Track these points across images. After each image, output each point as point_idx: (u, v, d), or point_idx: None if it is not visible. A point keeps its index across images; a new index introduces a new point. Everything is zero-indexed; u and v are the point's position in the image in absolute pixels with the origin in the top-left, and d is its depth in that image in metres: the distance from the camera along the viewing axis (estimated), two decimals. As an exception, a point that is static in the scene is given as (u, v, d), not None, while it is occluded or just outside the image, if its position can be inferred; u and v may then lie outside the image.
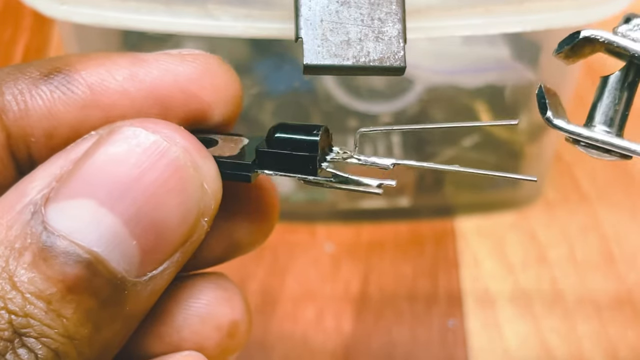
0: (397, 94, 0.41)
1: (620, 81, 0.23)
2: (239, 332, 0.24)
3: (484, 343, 0.41)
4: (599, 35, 0.22)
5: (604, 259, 0.44)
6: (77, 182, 0.19)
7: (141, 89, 0.22)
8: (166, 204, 0.20)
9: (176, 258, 0.20)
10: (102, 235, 0.19)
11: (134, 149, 0.20)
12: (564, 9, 0.32)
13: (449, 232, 0.45)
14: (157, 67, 0.22)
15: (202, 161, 0.21)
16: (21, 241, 0.19)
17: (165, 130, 0.20)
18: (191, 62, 0.22)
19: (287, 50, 0.40)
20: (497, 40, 0.40)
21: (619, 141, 0.22)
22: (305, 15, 0.23)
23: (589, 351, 0.40)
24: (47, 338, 0.18)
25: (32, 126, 0.21)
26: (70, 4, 0.31)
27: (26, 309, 0.18)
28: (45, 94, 0.21)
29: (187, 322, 0.23)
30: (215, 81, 0.22)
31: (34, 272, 0.18)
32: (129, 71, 0.22)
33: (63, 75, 0.21)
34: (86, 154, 0.20)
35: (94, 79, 0.21)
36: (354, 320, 0.41)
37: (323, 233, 0.45)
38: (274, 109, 0.42)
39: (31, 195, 0.19)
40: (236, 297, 0.24)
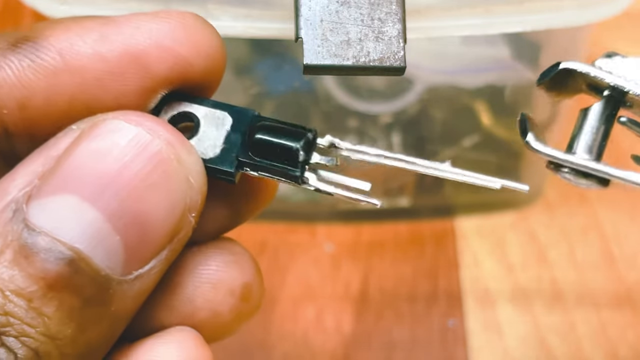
0: (397, 94, 0.41)
1: (598, 114, 0.23)
2: (253, 294, 0.23)
3: (484, 343, 0.41)
4: (578, 67, 0.23)
5: (604, 259, 0.44)
6: (58, 179, 0.19)
7: (113, 49, 0.21)
8: (150, 198, 0.19)
9: (163, 256, 0.20)
10: (85, 231, 0.18)
11: (116, 142, 0.19)
12: (564, 9, 0.32)
13: (449, 232, 0.45)
14: (129, 25, 0.21)
15: (186, 154, 0.20)
16: (2, 239, 0.18)
17: (147, 122, 0.20)
18: (165, 18, 0.21)
19: (287, 50, 0.40)
20: (497, 40, 0.40)
21: (599, 165, 0.23)
22: (305, 15, 0.23)
23: (589, 351, 0.40)
24: (27, 337, 0.18)
25: (3, 98, 0.20)
26: (70, 4, 0.31)
27: (6, 307, 0.18)
28: (14, 64, 0.20)
29: (199, 291, 0.22)
30: (192, 34, 0.21)
31: (15, 269, 0.18)
32: (99, 33, 0.21)
33: (31, 43, 0.21)
34: (67, 150, 0.19)
35: (63, 44, 0.21)
36: (354, 320, 0.41)
37: (323, 233, 0.45)
38: (274, 109, 0.42)
39: (13, 193, 0.19)
40: (246, 260, 0.23)
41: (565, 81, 0.23)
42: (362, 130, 0.43)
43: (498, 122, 0.43)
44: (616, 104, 0.23)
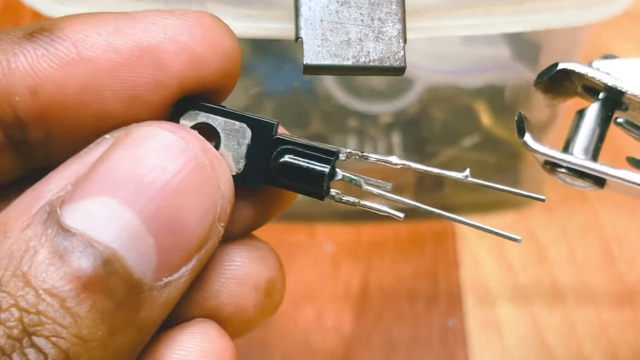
0: (397, 94, 0.41)
1: (595, 115, 0.24)
2: (276, 290, 0.23)
3: (484, 343, 0.41)
4: (576, 68, 0.23)
5: (604, 259, 0.44)
6: (94, 183, 0.19)
7: (127, 42, 0.21)
8: (185, 203, 0.19)
9: (192, 265, 0.20)
10: (120, 232, 0.19)
11: (153, 147, 0.19)
12: (564, 9, 0.32)
13: (449, 232, 0.45)
14: (144, 20, 0.21)
15: (217, 162, 0.20)
16: (36, 240, 0.18)
17: (181, 131, 0.20)
18: (181, 15, 0.21)
19: (287, 50, 0.40)
20: (497, 40, 0.40)
21: (595, 165, 0.23)
22: (305, 15, 0.23)
23: (589, 351, 0.40)
24: (58, 338, 0.18)
25: (16, 85, 0.20)
26: (70, 4, 0.31)
27: (39, 307, 0.18)
28: (29, 52, 0.20)
29: (225, 286, 0.22)
30: (208, 33, 0.21)
31: (49, 268, 0.18)
32: (114, 26, 0.21)
33: (47, 33, 0.21)
34: (103, 156, 0.20)
35: (78, 35, 0.21)
36: (354, 320, 0.41)
37: (323, 233, 0.45)
38: (274, 109, 0.42)
39: (47, 197, 0.19)
40: (269, 255, 0.23)
41: (563, 82, 0.24)
42: (362, 130, 0.43)
43: (498, 122, 0.43)
44: (612, 106, 0.23)
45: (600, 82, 0.23)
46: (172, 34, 0.21)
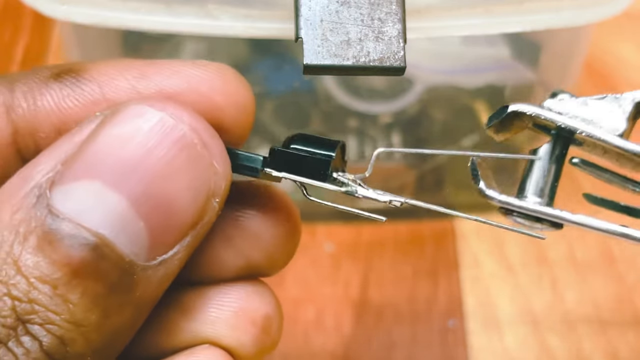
0: (397, 94, 0.41)
1: (548, 154, 0.24)
2: (273, 328, 0.23)
3: (484, 343, 0.41)
4: (527, 109, 0.23)
5: (604, 259, 0.44)
6: (82, 164, 0.19)
7: (151, 87, 0.21)
8: (174, 183, 0.19)
9: (187, 241, 0.20)
10: (109, 216, 0.18)
11: (140, 127, 0.19)
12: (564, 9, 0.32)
13: (449, 232, 0.45)
14: (169, 68, 0.22)
15: (210, 140, 0.20)
16: (26, 225, 0.18)
17: (171, 108, 0.20)
18: (203, 67, 0.22)
19: (287, 50, 0.40)
20: (497, 40, 0.40)
21: (551, 210, 0.23)
22: (305, 15, 0.23)
23: (589, 351, 0.40)
24: (52, 325, 0.18)
25: (41, 122, 0.21)
26: (70, 4, 0.31)
27: (31, 295, 0.18)
28: (55, 92, 0.21)
29: (221, 317, 0.22)
30: (227, 85, 0.22)
31: (39, 256, 0.18)
32: (139, 71, 0.22)
33: (74, 74, 0.21)
34: (91, 136, 0.19)
35: (104, 78, 0.21)
36: (354, 320, 0.41)
37: (323, 233, 0.45)
38: (274, 109, 0.42)
39: (36, 179, 0.19)
40: (266, 292, 0.24)
41: (514, 122, 0.24)
42: (362, 130, 0.43)
43: (498, 122, 0.43)
44: (566, 143, 0.23)
45: (552, 122, 0.23)
46: (194, 84, 0.22)
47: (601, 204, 0.26)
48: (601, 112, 0.23)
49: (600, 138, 0.22)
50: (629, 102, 0.23)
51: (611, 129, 0.23)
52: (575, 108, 0.23)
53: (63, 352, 0.18)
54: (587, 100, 0.23)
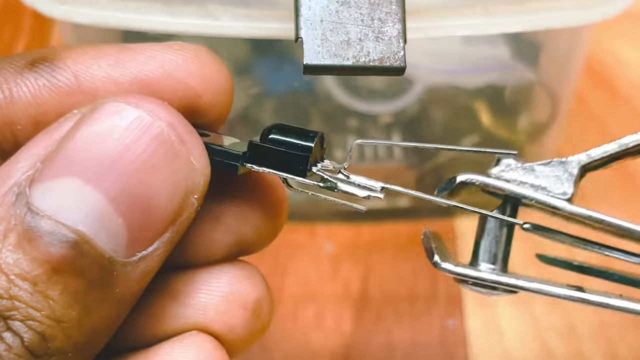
0: (397, 94, 0.41)
1: (498, 219, 0.24)
2: (263, 311, 0.23)
3: (484, 343, 0.41)
4: (474, 179, 0.24)
5: (604, 259, 0.44)
6: (60, 162, 0.19)
7: (126, 75, 0.21)
8: (152, 180, 0.19)
9: (166, 237, 0.20)
10: (87, 213, 0.19)
11: (117, 124, 0.19)
12: (564, 9, 0.32)
13: (449, 232, 0.45)
14: (143, 54, 0.22)
15: (188, 136, 0.20)
16: (5, 223, 0.18)
17: (148, 104, 0.20)
18: (178, 50, 0.22)
19: (287, 50, 0.40)
20: (497, 40, 0.40)
21: (505, 278, 0.23)
22: (305, 15, 0.23)
23: (589, 351, 0.40)
24: (33, 321, 0.18)
25: (18, 114, 0.21)
26: (70, 4, 0.31)
27: (11, 291, 0.18)
28: (30, 82, 0.21)
29: (212, 302, 0.22)
30: (203, 69, 0.22)
31: (19, 253, 0.18)
32: (115, 58, 0.22)
33: (48, 63, 0.21)
34: (69, 133, 0.19)
35: (79, 66, 0.21)
36: (354, 320, 0.41)
37: (323, 233, 0.45)
38: (274, 109, 0.42)
39: (15, 177, 0.19)
40: (256, 275, 0.24)
41: (465, 189, 0.24)
42: (362, 130, 0.43)
43: (498, 122, 0.43)
44: (515, 205, 0.24)
45: (501, 188, 0.23)
46: (169, 69, 0.22)
47: (555, 264, 0.27)
48: (548, 178, 0.23)
49: (550, 205, 0.23)
50: (574, 166, 0.24)
51: (559, 194, 0.24)
52: (522, 175, 0.23)
53: (44, 348, 0.18)
54: (534, 166, 0.23)
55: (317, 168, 0.22)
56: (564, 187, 0.23)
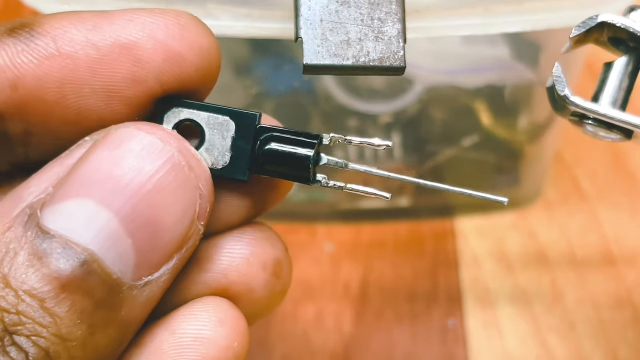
0: (397, 94, 0.41)
1: (623, 67, 0.24)
2: (284, 272, 0.24)
3: (484, 343, 0.41)
4: (616, 21, 0.23)
5: (604, 259, 0.44)
6: (73, 184, 0.19)
7: (106, 39, 0.21)
8: (162, 204, 0.20)
9: (172, 264, 0.20)
10: (98, 233, 0.19)
11: (131, 149, 0.20)
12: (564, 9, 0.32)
13: (449, 232, 0.45)
14: (123, 18, 0.22)
15: (196, 163, 0.21)
16: (17, 242, 0.19)
17: (159, 132, 0.20)
18: (160, 14, 0.22)
19: (287, 50, 0.40)
20: (497, 40, 0.40)
21: (624, 115, 0.23)
22: (305, 15, 0.23)
23: (589, 351, 0.40)
24: (39, 337, 0.18)
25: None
26: (71, 4, 0.31)
27: (19, 307, 0.18)
28: (10, 47, 0.21)
29: (233, 265, 0.23)
30: (186, 31, 0.22)
31: (29, 270, 0.18)
32: (93, 23, 0.21)
33: (27, 29, 0.21)
34: (82, 158, 0.20)
35: (57, 31, 0.21)
36: (354, 320, 0.41)
37: (323, 233, 0.45)
38: (274, 109, 0.42)
39: (28, 200, 0.19)
40: (275, 237, 0.24)
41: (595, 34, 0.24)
42: (362, 130, 0.43)
43: (498, 122, 0.43)
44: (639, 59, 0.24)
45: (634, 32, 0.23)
46: (150, 32, 0.21)
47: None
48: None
49: None
50: None
51: None
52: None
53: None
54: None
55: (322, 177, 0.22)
56: None
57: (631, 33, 0.23)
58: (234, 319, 0.22)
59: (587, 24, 0.24)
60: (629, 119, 0.23)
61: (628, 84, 0.24)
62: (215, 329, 0.22)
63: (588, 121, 0.24)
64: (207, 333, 0.21)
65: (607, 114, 0.23)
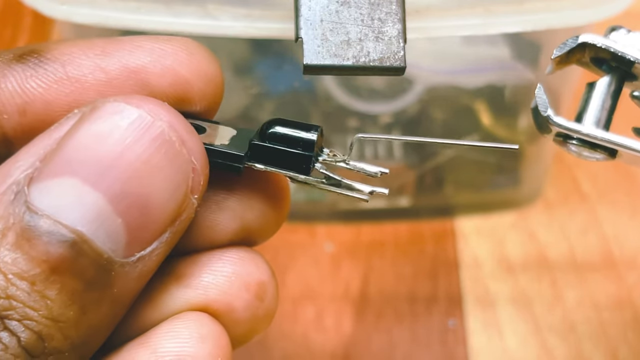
0: (397, 94, 0.41)
1: (605, 87, 0.24)
2: (267, 295, 0.23)
3: (484, 343, 0.41)
4: (597, 41, 0.23)
5: (604, 259, 0.44)
6: (60, 161, 0.19)
7: (114, 63, 0.21)
8: (152, 180, 0.19)
9: (165, 238, 0.20)
10: (86, 213, 0.19)
11: (118, 124, 0.19)
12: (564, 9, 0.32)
13: (449, 232, 0.45)
14: (131, 44, 0.22)
15: (188, 136, 0.20)
16: (4, 222, 0.18)
17: (149, 105, 0.20)
18: (167, 41, 0.22)
19: (287, 50, 0.40)
20: (497, 40, 0.40)
21: (608, 135, 0.23)
22: (305, 15, 0.23)
23: (589, 351, 0.40)
24: (30, 320, 0.18)
25: (4, 103, 0.21)
26: (70, 4, 0.31)
27: (9, 291, 0.18)
28: (18, 73, 0.21)
29: (214, 282, 0.22)
30: (193, 57, 0.22)
31: (17, 252, 0.18)
32: (102, 48, 0.22)
33: (37, 55, 0.21)
34: (69, 132, 0.19)
35: (66, 57, 0.21)
36: (354, 320, 0.41)
37: (323, 233, 0.45)
38: (274, 109, 0.42)
39: (15, 175, 0.19)
40: (259, 259, 0.23)
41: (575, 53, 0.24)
42: (362, 130, 0.43)
43: (498, 122, 0.43)
44: (622, 77, 0.24)
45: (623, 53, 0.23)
46: (158, 57, 0.22)
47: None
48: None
49: None
50: None
51: None
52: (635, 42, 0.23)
53: (41, 348, 0.18)
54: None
55: (320, 165, 0.22)
56: None
57: (612, 53, 0.23)
58: (216, 334, 0.22)
59: (568, 44, 0.24)
60: (613, 138, 0.23)
61: (611, 103, 0.24)
62: (197, 345, 0.21)
63: (572, 141, 0.23)
64: (189, 350, 0.21)
65: (590, 133, 0.23)
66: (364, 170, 0.23)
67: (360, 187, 0.22)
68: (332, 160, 0.23)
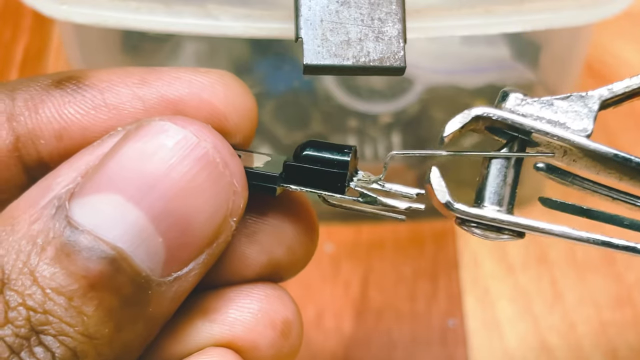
0: (397, 94, 0.41)
1: (505, 160, 0.22)
2: (292, 333, 0.23)
3: (484, 343, 0.41)
4: (491, 113, 0.22)
5: (604, 259, 0.44)
6: (102, 177, 0.19)
7: (152, 93, 0.22)
8: (195, 201, 0.19)
9: (202, 259, 0.20)
10: (127, 231, 0.18)
11: (163, 143, 0.19)
12: (564, 9, 0.32)
13: (449, 232, 0.45)
14: (170, 74, 0.22)
15: (230, 158, 0.20)
16: (44, 236, 0.18)
17: (194, 125, 0.20)
18: (205, 73, 0.22)
19: (287, 50, 0.40)
20: (497, 40, 0.40)
21: (509, 217, 0.22)
22: (305, 15, 0.23)
23: (589, 351, 0.40)
24: (65, 336, 0.18)
25: (42, 129, 0.21)
26: (70, 4, 0.31)
27: (46, 306, 0.18)
28: (56, 99, 0.21)
29: (240, 319, 0.22)
30: (229, 91, 0.22)
31: (56, 267, 0.18)
32: (140, 77, 0.22)
33: (75, 81, 0.21)
34: (113, 149, 0.19)
35: (104, 84, 0.21)
36: (354, 320, 0.41)
37: (323, 233, 0.45)
38: (274, 109, 0.42)
39: (56, 190, 0.19)
40: (286, 297, 0.23)
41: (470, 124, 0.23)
42: (362, 130, 0.43)
43: (498, 122, 0.43)
44: (521, 146, 0.22)
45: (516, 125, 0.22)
46: (196, 90, 0.22)
47: (560, 208, 0.25)
48: (567, 113, 0.22)
49: (571, 141, 0.21)
50: (595, 101, 0.22)
51: (579, 130, 0.22)
52: (539, 109, 0.22)
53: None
54: (552, 100, 0.22)
55: (355, 183, 0.22)
56: (584, 123, 0.22)
57: (508, 124, 0.22)
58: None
59: (461, 120, 0.22)
60: (518, 220, 0.22)
61: (513, 176, 0.22)
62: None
63: (472, 224, 0.22)
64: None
65: (494, 218, 0.22)
66: (400, 192, 0.23)
67: (396, 204, 0.23)
68: (366, 180, 0.23)
